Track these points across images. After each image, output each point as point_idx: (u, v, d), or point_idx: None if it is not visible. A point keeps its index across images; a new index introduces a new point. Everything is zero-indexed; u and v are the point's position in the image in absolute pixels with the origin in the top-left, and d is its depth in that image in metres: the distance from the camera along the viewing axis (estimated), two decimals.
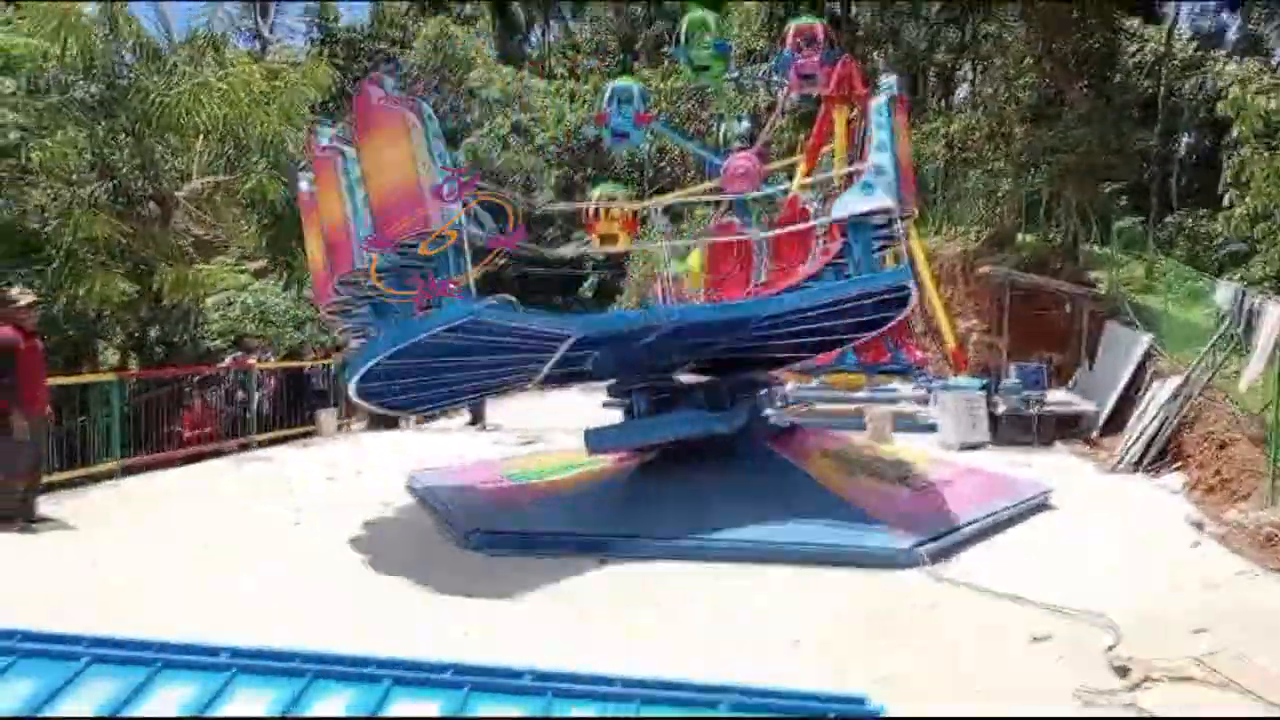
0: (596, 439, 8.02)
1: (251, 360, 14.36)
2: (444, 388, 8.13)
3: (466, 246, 6.23)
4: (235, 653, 2.77)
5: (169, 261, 12.13)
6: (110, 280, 10.69)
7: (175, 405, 12.52)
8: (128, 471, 10.93)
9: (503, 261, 8.05)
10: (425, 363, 7.15)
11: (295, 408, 14.61)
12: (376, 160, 6.26)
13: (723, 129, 23.43)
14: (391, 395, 7.95)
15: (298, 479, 10.53)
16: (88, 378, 11.39)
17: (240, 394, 13.53)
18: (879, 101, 7.37)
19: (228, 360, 14.48)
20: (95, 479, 10.58)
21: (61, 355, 12.41)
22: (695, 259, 16.16)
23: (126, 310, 11.98)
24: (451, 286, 6.22)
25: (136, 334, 13.51)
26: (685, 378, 8.69)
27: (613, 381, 8.54)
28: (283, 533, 7.86)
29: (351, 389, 7.22)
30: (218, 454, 12.54)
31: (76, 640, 2.81)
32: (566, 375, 8.56)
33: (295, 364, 15.43)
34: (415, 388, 7.87)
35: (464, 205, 6.30)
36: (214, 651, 2.77)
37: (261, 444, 13.40)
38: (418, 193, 6.03)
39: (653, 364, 8.09)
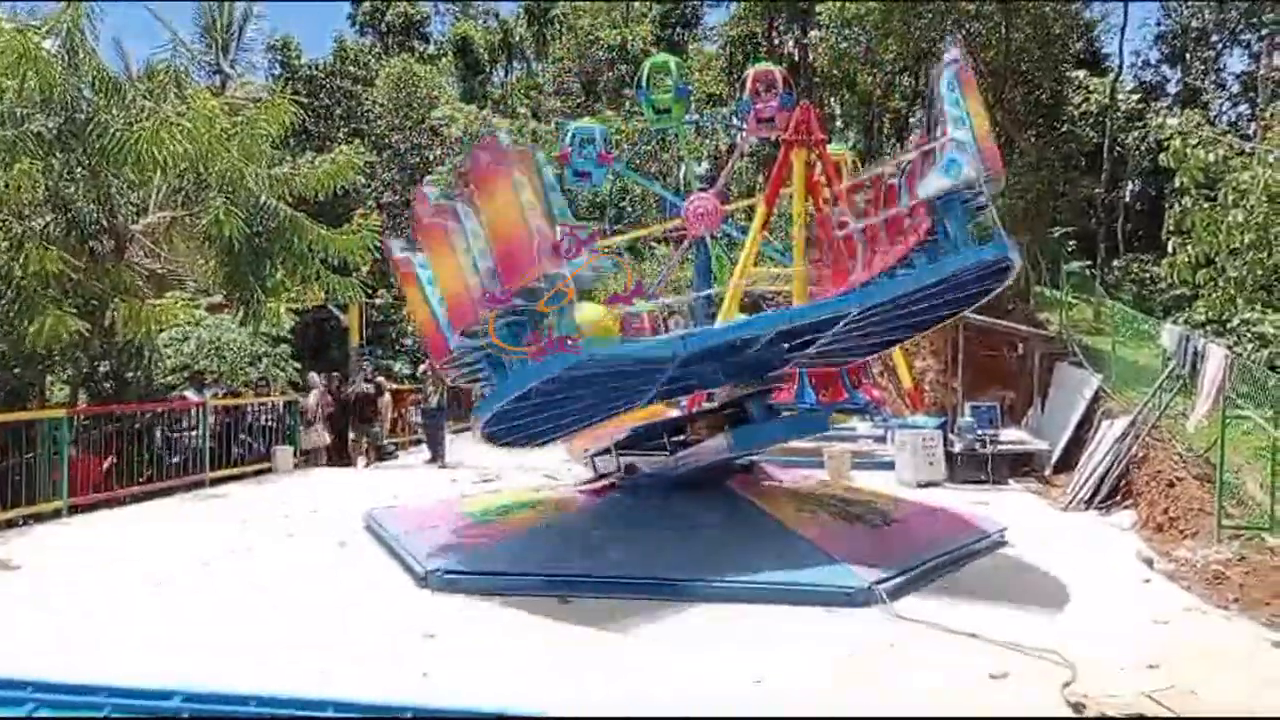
0: (746, 437, 8.03)
1: (196, 397, 14.07)
2: (561, 420, 8.24)
3: None
4: (188, 696, 2.73)
5: (122, 296, 11.94)
6: (60, 318, 10.47)
7: (129, 442, 12.18)
8: (75, 510, 10.66)
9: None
10: (540, 403, 7.35)
11: (245, 445, 14.37)
12: (491, 219, 6.55)
13: (683, 170, 23.78)
14: (510, 435, 8.04)
15: (251, 517, 10.33)
16: (34, 414, 11.12)
17: (181, 432, 13.19)
18: (946, 75, 6.94)
19: (177, 398, 14.20)
20: (41, 518, 10.31)
21: (6, 391, 12.13)
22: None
23: (77, 346, 11.73)
24: (569, 343, 6.59)
25: (87, 369, 13.22)
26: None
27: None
28: (236, 572, 7.69)
29: (478, 434, 7.51)
30: (169, 492, 12.28)
31: (23, 685, 2.75)
32: (676, 391, 8.68)
33: (240, 400, 15.16)
34: (529, 426, 7.99)
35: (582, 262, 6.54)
36: (166, 695, 2.73)
37: (214, 481, 13.14)
38: (529, 247, 6.27)
39: (760, 369, 8.19)
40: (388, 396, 18.13)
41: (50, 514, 10.41)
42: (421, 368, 16.86)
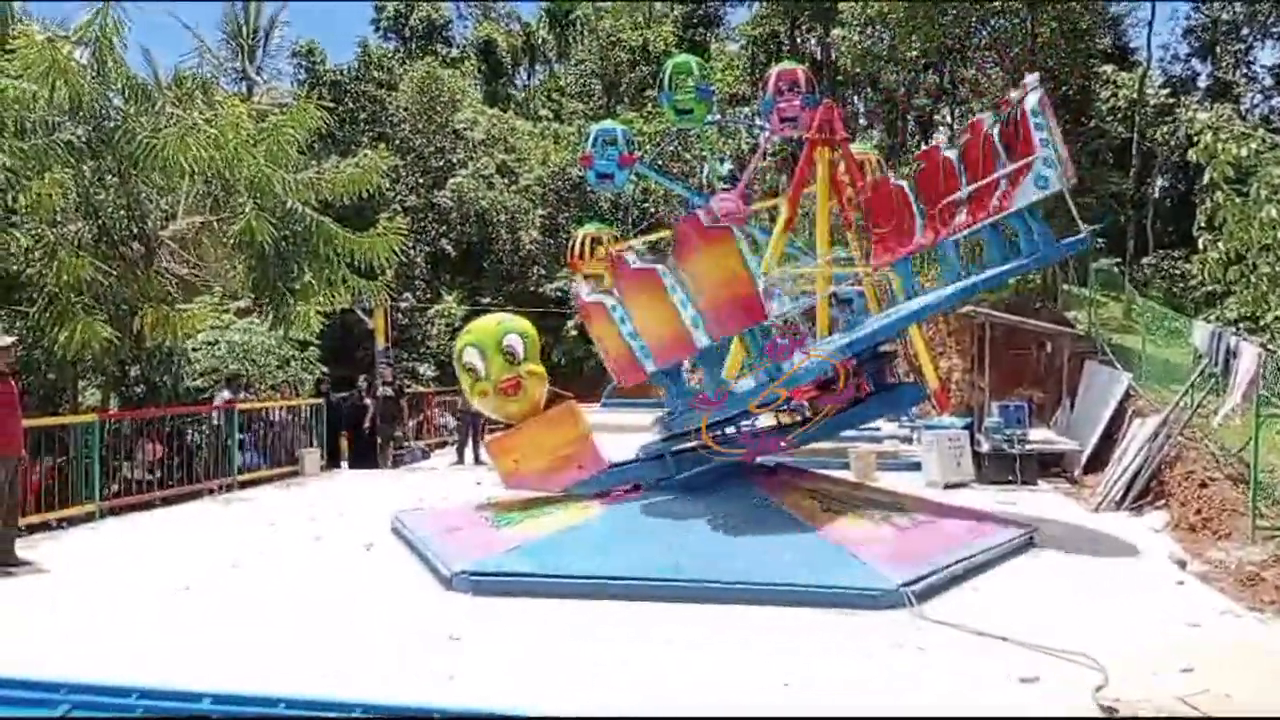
0: (889, 403, 9.31)
1: (229, 398, 14.20)
2: None
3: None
4: (218, 698, 2.75)
5: (152, 302, 12.07)
6: (91, 326, 10.61)
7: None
8: (106, 513, 10.80)
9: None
10: None
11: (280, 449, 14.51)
12: (705, 277, 7.58)
13: (706, 170, 23.76)
14: None
15: (280, 520, 10.42)
16: (66, 419, 11.27)
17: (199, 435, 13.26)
18: (1032, 102, 7.79)
19: (216, 400, 14.35)
20: (74, 521, 10.45)
21: (39, 395, 12.30)
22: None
23: (107, 352, 11.87)
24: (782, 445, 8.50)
25: (117, 374, 13.39)
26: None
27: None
28: (264, 575, 7.77)
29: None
30: (199, 495, 12.41)
31: (55, 687, 2.79)
32: None
33: (269, 404, 15.27)
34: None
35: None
36: (196, 697, 2.75)
37: (243, 484, 13.27)
38: (755, 297, 7.44)
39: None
40: (402, 401, 18.26)
41: (83, 517, 10.56)
42: None
